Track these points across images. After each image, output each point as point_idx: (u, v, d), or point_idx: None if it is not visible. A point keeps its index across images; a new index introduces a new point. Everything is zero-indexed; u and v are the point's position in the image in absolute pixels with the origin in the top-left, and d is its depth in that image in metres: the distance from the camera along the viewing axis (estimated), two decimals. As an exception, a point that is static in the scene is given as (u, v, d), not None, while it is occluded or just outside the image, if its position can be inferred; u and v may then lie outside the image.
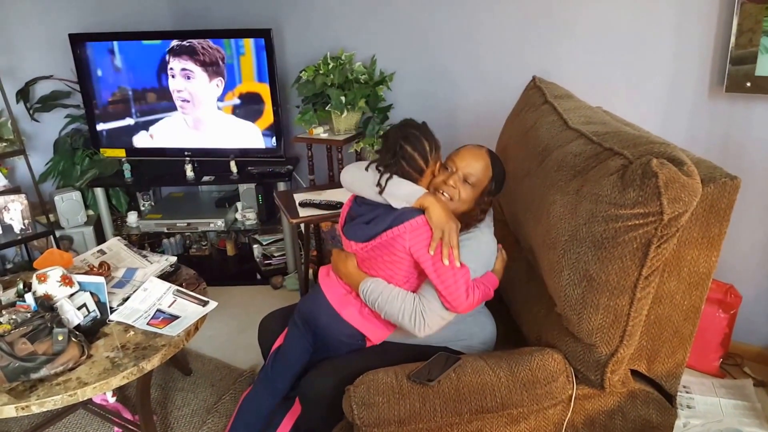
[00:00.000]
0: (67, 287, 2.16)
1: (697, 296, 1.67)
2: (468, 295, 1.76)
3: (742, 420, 2.50)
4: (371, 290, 1.86)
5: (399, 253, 1.81)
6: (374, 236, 1.84)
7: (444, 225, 1.74)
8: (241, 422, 2.20)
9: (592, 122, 1.93)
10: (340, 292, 1.98)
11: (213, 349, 3.22)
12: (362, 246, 1.89)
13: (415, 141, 1.85)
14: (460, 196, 1.88)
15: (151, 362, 2.00)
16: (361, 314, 1.94)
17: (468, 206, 1.89)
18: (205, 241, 4.45)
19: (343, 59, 3.41)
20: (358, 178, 1.93)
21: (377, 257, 1.87)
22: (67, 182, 3.96)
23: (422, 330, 1.79)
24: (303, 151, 3.83)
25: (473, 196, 1.89)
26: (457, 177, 1.88)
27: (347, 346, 1.99)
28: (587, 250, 1.58)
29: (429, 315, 1.78)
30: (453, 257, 1.73)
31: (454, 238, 1.74)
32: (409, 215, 1.78)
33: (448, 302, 1.76)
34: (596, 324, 1.62)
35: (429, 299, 1.80)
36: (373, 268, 1.89)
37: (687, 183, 1.44)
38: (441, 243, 1.74)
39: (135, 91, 3.78)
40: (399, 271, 1.85)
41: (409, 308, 1.80)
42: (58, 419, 2.63)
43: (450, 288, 1.74)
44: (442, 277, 1.75)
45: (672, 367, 1.78)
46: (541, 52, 3.04)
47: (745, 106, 2.60)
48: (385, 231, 1.81)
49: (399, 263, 1.83)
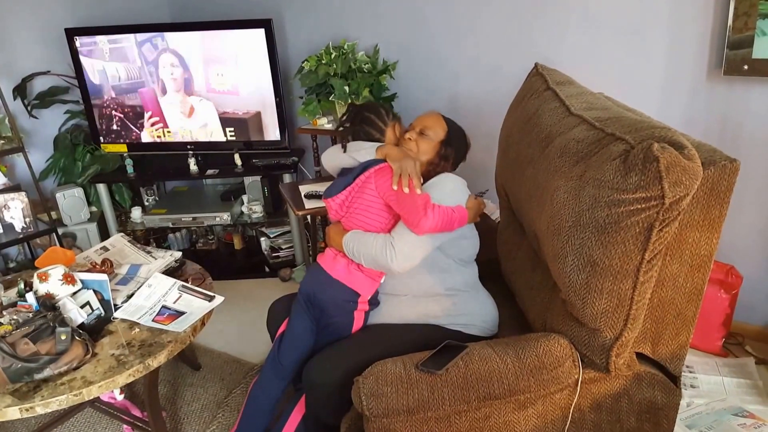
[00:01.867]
0: (69, 285, 2.15)
1: (699, 278, 1.67)
2: (426, 211, 1.85)
3: (744, 398, 2.52)
4: (349, 239, 2.02)
5: (370, 198, 2.01)
6: (347, 185, 2.05)
7: (401, 160, 1.95)
8: (252, 408, 2.23)
9: (594, 108, 1.92)
10: (330, 256, 2.11)
11: (222, 343, 3.23)
12: (341, 199, 2.08)
13: (371, 107, 2.20)
14: (419, 148, 2.11)
15: (158, 359, 2.00)
16: (348, 270, 2.05)
17: (429, 156, 2.12)
18: (212, 235, 4.46)
19: (345, 49, 3.39)
20: (330, 152, 2.19)
21: (353, 209, 2.05)
22: (68, 179, 3.96)
23: (394, 258, 1.89)
24: (308, 142, 3.83)
25: (431, 146, 2.12)
26: (414, 132, 2.14)
27: (343, 308, 2.08)
28: (590, 235, 1.58)
29: (397, 242, 1.90)
30: (412, 186, 1.89)
31: (409, 167, 1.92)
32: (374, 162, 2.02)
33: (410, 222, 1.87)
34: (600, 308, 1.63)
35: (397, 230, 1.94)
36: (352, 220, 2.06)
37: (688, 166, 1.44)
38: (401, 177, 1.92)
39: (132, 85, 3.76)
40: (375, 216, 2.01)
41: (380, 242, 1.93)
42: (65, 418, 2.64)
43: (409, 208, 1.88)
44: (402, 203, 1.90)
45: (676, 348, 1.78)
46: (542, 39, 3.04)
47: (743, 89, 2.61)
48: (357, 178, 2.03)
49: (373, 208, 2.01)
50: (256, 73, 3.60)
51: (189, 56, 3.63)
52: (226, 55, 3.59)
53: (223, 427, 2.58)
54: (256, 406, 2.23)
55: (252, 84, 3.64)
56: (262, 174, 3.87)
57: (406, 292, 2.09)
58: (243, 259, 4.28)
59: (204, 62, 3.63)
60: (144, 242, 3.89)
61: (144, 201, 4.25)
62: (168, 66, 3.67)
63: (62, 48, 3.72)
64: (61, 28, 3.69)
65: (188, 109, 3.77)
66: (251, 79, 3.63)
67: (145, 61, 3.68)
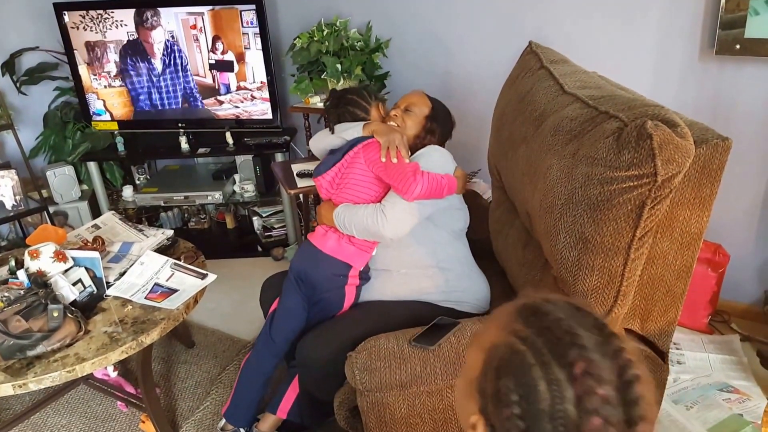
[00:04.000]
0: (60, 263, 2.15)
1: (689, 256, 1.69)
2: (416, 177, 1.89)
3: (729, 374, 2.56)
4: (339, 212, 2.05)
5: (360, 172, 2.05)
6: (336, 162, 2.10)
7: (388, 134, 2.01)
8: (245, 383, 2.27)
9: (588, 87, 1.93)
10: (320, 233, 2.15)
11: (216, 321, 3.24)
12: (330, 176, 2.13)
13: (354, 89, 2.29)
14: (405, 123, 2.17)
15: (150, 336, 2.01)
16: (339, 244, 2.08)
17: (415, 130, 2.18)
18: (204, 214, 4.45)
19: (338, 26, 3.36)
20: (318, 136, 2.29)
21: (344, 184, 2.09)
22: (58, 157, 3.94)
23: (385, 224, 1.92)
24: (300, 121, 3.81)
25: (416, 122, 2.18)
26: (399, 110, 2.21)
27: (335, 283, 2.10)
28: (583, 212, 1.60)
29: (388, 209, 1.94)
30: (400, 156, 1.95)
31: (397, 140, 1.98)
32: (361, 139, 2.08)
33: (400, 189, 1.91)
34: (591, 285, 1.64)
35: (387, 198, 1.99)
36: (342, 197, 2.09)
37: (680, 144, 1.45)
38: (389, 149, 1.97)
39: (123, 59, 3.73)
40: (364, 188, 2.05)
41: (371, 210, 1.97)
42: (59, 395, 2.65)
43: (398, 176, 1.92)
44: (391, 172, 1.95)
45: (664, 325, 1.81)
46: (536, 17, 3.02)
47: (735, 69, 2.62)
48: (345, 154, 2.08)
49: (363, 182, 2.05)
50: (247, 50, 3.58)
51: (180, 32, 3.59)
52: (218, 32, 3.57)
53: (217, 403, 2.60)
54: (248, 381, 2.26)
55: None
56: (254, 153, 3.85)
57: (398, 266, 2.10)
58: (235, 239, 4.27)
59: (195, 38, 3.60)
60: (136, 221, 3.88)
61: (135, 179, 4.23)
62: (159, 42, 3.64)
63: (51, 23, 3.67)
64: (49, 2, 3.63)
65: (180, 86, 3.74)
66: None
67: (136, 37, 3.65)
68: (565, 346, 0.80)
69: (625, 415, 0.77)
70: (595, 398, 0.76)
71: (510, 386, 0.79)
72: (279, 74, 3.86)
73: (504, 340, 0.84)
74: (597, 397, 0.76)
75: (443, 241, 2.09)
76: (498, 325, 0.88)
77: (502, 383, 0.80)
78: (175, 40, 3.60)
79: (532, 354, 0.80)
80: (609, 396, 0.77)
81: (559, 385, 0.77)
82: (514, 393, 0.79)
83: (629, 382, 0.79)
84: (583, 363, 0.78)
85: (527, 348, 0.81)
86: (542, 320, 0.84)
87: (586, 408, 0.76)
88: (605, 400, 0.76)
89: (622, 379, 0.79)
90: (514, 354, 0.81)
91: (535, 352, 0.80)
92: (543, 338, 0.81)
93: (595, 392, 0.76)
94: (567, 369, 0.78)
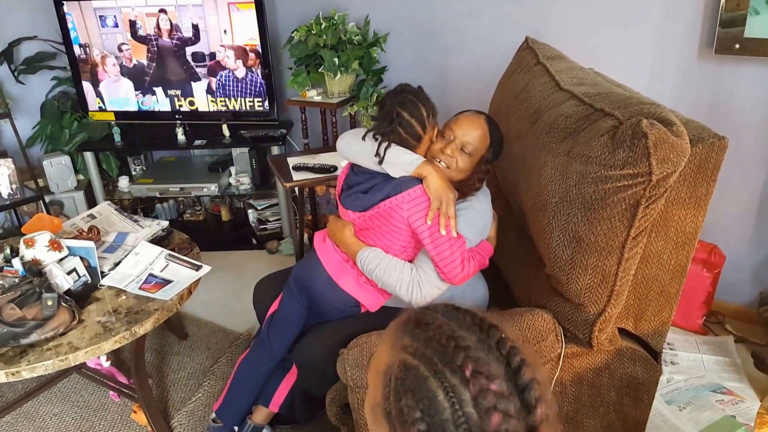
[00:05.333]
0: (55, 252, 2.15)
1: (683, 255, 1.69)
2: (464, 267, 1.75)
3: (722, 375, 2.56)
4: (369, 260, 1.85)
5: (397, 223, 1.80)
6: (372, 206, 1.83)
7: (442, 195, 1.73)
8: (240, 385, 2.25)
9: (584, 83, 1.92)
10: (336, 259, 1.97)
11: (209, 313, 3.24)
12: (360, 215, 1.89)
13: (412, 107, 1.82)
14: (458, 165, 1.83)
15: (144, 326, 2.00)
16: (357, 283, 1.94)
17: (465, 175, 1.86)
18: (199, 206, 4.44)
19: (336, 19, 3.36)
20: (356, 147, 1.91)
21: (375, 227, 1.86)
22: (55, 146, 3.93)
23: (419, 300, 1.79)
24: (296, 114, 3.80)
25: (470, 164, 1.85)
26: (455, 145, 1.83)
27: (342, 312, 2.01)
28: (577, 211, 1.59)
29: (425, 285, 1.78)
30: (450, 227, 1.72)
31: (451, 208, 1.73)
32: (407, 185, 1.76)
33: (444, 274, 1.75)
34: (585, 284, 1.64)
35: (425, 270, 1.79)
36: (371, 237, 1.89)
37: (676, 143, 1.44)
38: (438, 213, 1.73)
39: (121, 49, 3.72)
40: (397, 241, 1.84)
41: (407, 279, 1.79)
42: (52, 384, 2.65)
43: (446, 260, 1.73)
44: (438, 249, 1.73)
45: (658, 325, 1.81)
46: (533, 12, 3.01)
47: (733, 68, 2.61)
48: (383, 201, 1.80)
49: (397, 233, 1.82)
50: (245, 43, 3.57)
51: (179, 23, 3.58)
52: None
53: (209, 395, 2.60)
54: (243, 383, 2.24)
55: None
56: (250, 145, 3.85)
57: None
58: (230, 231, 4.27)
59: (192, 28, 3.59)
60: (131, 212, 3.87)
61: (131, 170, 4.21)
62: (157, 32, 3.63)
63: (50, 13, 3.66)
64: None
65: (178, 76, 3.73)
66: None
67: (135, 27, 3.63)
68: (451, 351, 0.80)
69: (521, 402, 0.79)
70: (490, 395, 0.77)
71: (411, 404, 0.79)
72: (276, 67, 3.85)
73: (396, 358, 0.84)
74: (491, 393, 0.77)
75: None
76: (388, 345, 0.88)
77: (404, 402, 0.80)
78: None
79: (425, 366, 0.80)
80: (502, 389, 0.78)
81: (456, 390, 0.77)
82: (416, 409, 0.78)
83: (518, 369, 0.80)
84: (470, 363, 0.78)
85: (419, 361, 0.81)
86: (426, 330, 0.84)
87: (484, 406, 0.76)
88: (499, 394, 0.77)
89: (510, 368, 0.80)
90: (408, 370, 0.81)
91: (426, 363, 0.80)
92: (431, 348, 0.82)
93: (488, 389, 0.77)
94: (459, 373, 0.78)
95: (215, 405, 2.30)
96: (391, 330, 0.90)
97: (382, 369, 0.86)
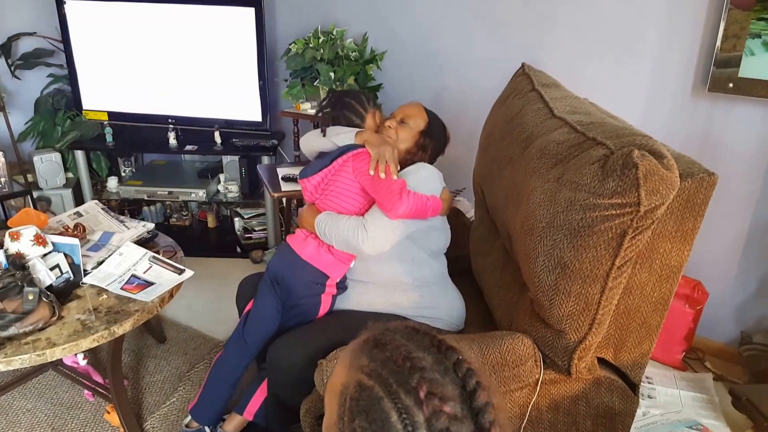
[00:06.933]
0: (40, 247, 2.13)
1: (667, 289, 1.70)
2: (402, 197, 1.86)
3: (699, 412, 2.57)
4: (321, 220, 2.02)
5: (347, 181, 2.03)
6: (324, 167, 2.07)
7: (379, 146, 1.98)
8: (214, 382, 2.26)
9: (577, 112, 1.94)
10: (300, 237, 2.12)
11: (189, 318, 3.22)
12: (315, 179, 2.10)
13: (352, 93, 2.28)
14: (398, 136, 2.14)
15: (123, 326, 1.99)
16: (318, 252, 2.06)
17: (407, 144, 2.14)
18: (186, 211, 4.42)
19: (334, 34, 3.38)
20: (309, 136, 2.23)
21: (329, 191, 2.06)
22: (47, 143, 3.91)
23: (365, 240, 1.90)
24: (289, 126, 3.81)
25: (410, 136, 2.15)
26: (395, 120, 2.17)
27: (311, 291, 2.07)
28: (563, 237, 1.60)
29: (370, 226, 1.90)
30: (389, 172, 1.92)
31: (387, 154, 1.95)
32: (352, 147, 2.05)
33: (384, 206, 1.88)
34: (567, 310, 1.65)
35: (370, 213, 1.95)
36: (326, 203, 2.07)
37: (666, 176, 1.45)
38: (378, 164, 1.93)
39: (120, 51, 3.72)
40: (348, 199, 2.02)
41: (353, 223, 1.94)
42: (27, 379, 2.63)
43: (384, 192, 1.89)
44: (377, 187, 1.92)
45: (638, 356, 1.81)
46: (530, 41, 3.05)
47: (727, 107, 2.65)
48: (334, 160, 2.05)
49: (347, 191, 2.03)
50: (242, 52, 3.58)
51: (176, 30, 3.59)
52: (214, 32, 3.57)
53: (184, 400, 2.58)
54: (217, 381, 2.25)
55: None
56: (241, 154, 3.85)
57: (375, 279, 2.09)
58: (215, 238, 4.25)
59: (190, 38, 3.59)
60: (118, 212, 3.85)
61: (121, 171, 4.20)
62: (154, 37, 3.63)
63: (50, 10, 3.66)
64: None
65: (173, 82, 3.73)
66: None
67: (133, 30, 3.64)
68: (407, 372, 0.80)
69: (475, 425, 0.78)
70: (443, 417, 0.76)
71: (364, 425, 0.78)
72: (272, 78, 3.86)
73: (352, 378, 0.83)
74: (444, 415, 0.76)
75: (421, 260, 2.08)
76: (345, 365, 0.87)
77: (357, 423, 0.79)
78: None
79: (380, 386, 0.80)
80: (455, 412, 0.78)
81: (409, 411, 0.77)
82: (368, 431, 0.78)
83: (473, 392, 0.80)
84: (425, 385, 0.78)
85: (374, 382, 0.80)
86: (384, 350, 0.84)
87: (437, 428, 0.76)
88: (452, 416, 0.77)
89: (465, 391, 0.80)
90: (363, 390, 0.81)
91: (381, 383, 0.80)
92: (387, 369, 0.81)
93: (442, 411, 0.77)
94: (413, 394, 0.78)
95: (190, 405, 2.31)
96: (349, 350, 0.90)
97: (338, 389, 0.85)
